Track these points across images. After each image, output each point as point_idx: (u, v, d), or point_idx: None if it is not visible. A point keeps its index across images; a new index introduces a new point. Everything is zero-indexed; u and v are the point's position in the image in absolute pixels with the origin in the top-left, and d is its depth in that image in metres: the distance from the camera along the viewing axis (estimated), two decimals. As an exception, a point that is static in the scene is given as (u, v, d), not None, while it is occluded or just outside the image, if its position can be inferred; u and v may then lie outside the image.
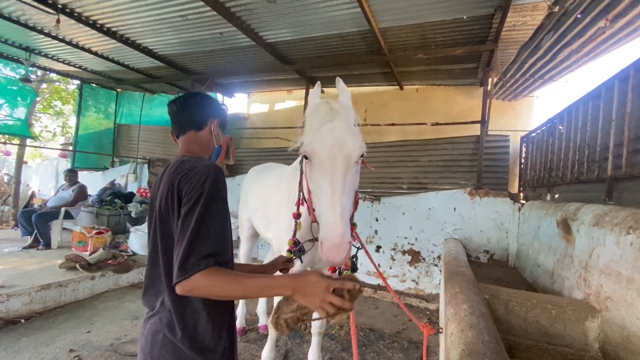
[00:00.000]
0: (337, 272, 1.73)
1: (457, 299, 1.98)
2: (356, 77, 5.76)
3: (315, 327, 2.55)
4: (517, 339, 2.15)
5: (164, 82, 6.68)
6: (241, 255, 3.56)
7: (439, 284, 4.65)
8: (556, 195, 3.60)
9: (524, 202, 4.32)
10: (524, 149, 4.80)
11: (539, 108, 5.16)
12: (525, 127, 5.05)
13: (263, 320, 3.53)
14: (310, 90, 6.49)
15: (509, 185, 4.82)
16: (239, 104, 8.26)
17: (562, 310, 2.12)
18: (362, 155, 1.46)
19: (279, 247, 2.25)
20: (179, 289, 0.94)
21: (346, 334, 3.51)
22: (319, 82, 1.79)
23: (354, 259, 1.76)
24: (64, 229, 5.93)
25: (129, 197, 6.85)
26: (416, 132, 5.64)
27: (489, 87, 4.47)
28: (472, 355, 1.30)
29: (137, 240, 5.64)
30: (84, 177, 7.52)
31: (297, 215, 1.94)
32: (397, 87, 5.99)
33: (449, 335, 1.62)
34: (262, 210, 2.81)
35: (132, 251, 5.60)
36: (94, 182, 8.01)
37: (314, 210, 1.50)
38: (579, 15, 2.32)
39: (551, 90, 4.49)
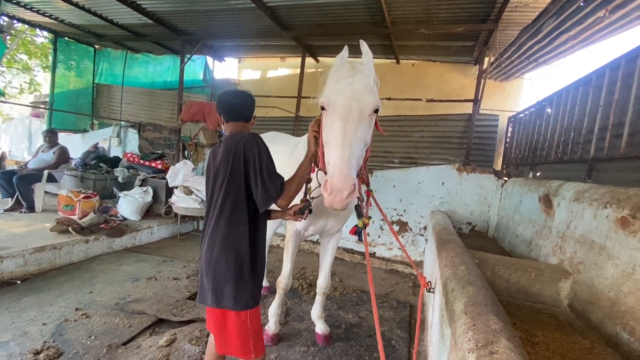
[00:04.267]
0: (358, 231, 1.85)
1: (454, 262, 2.22)
2: (354, 47, 5.67)
3: (321, 287, 2.76)
4: (500, 297, 2.45)
5: (150, 40, 6.30)
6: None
7: (424, 252, 5.02)
8: (538, 174, 3.90)
9: (506, 178, 4.64)
10: (510, 129, 5.06)
11: (527, 90, 5.40)
12: (513, 107, 5.29)
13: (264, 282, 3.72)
14: (307, 59, 6.39)
15: (494, 163, 5.12)
16: (229, 68, 7.94)
17: (540, 273, 2.43)
18: (376, 111, 1.56)
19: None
20: (283, 202, 1.58)
21: (340, 295, 3.80)
22: (346, 47, 1.82)
23: (358, 207, 1.87)
24: (46, 192, 5.75)
25: (114, 162, 6.66)
26: (410, 107, 5.76)
27: (484, 66, 4.59)
28: (475, 305, 1.53)
29: (128, 206, 5.59)
30: (61, 139, 7.18)
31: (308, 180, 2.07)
32: (394, 60, 5.99)
33: (450, 291, 1.85)
34: None
35: (123, 216, 5.56)
36: (72, 144, 7.64)
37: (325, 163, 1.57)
38: (582, 4, 2.44)
39: (543, 73, 4.69)
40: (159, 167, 6.26)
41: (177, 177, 5.70)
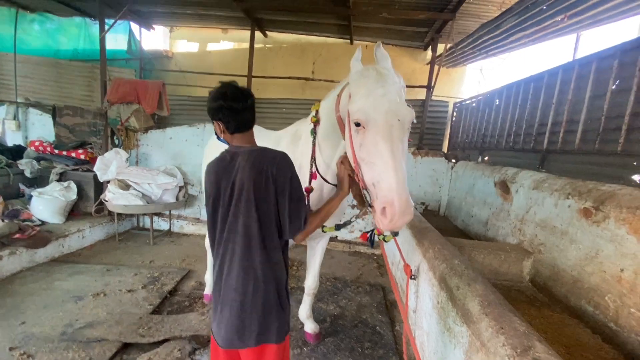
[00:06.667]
0: (370, 238, 1.81)
1: (444, 255, 2.33)
2: (308, 24, 5.37)
3: (310, 288, 2.71)
4: (476, 279, 2.73)
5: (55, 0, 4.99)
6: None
7: (366, 225, 5.28)
8: (486, 158, 4.32)
9: (454, 161, 5.07)
10: (455, 115, 5.47)
11: (470, 77, 5.83)
12: (457, 94, 5.70)
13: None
14: (257, 33, 5.84)
15: (443, 146, 5.52)
16: (159, 37, 6.84)
17: (508, 255, 2.75)
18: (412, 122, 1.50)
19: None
20: (300, 237, 1.48)
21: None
22: (360, 48, 1.67)
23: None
24: None
25: (16, 152, 5.37)
26: (364, 90, 5.76)
27: (437, 53, 4.79)
28: (492, 306, 1.64)
29: (46, 206, 4.63)
30: None
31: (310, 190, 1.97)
32: (348, 41, 5.86)
33: (454, 287, 1.96)
34: None
35: (40, 220, 4.60)
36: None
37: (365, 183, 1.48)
38: (544, 7, 2.65)
39: (491, 63, 5.09)
40: (82, 157, 5.25)
41: (108, 169, 4.87)
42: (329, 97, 1.91)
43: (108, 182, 4.91)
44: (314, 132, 2.01)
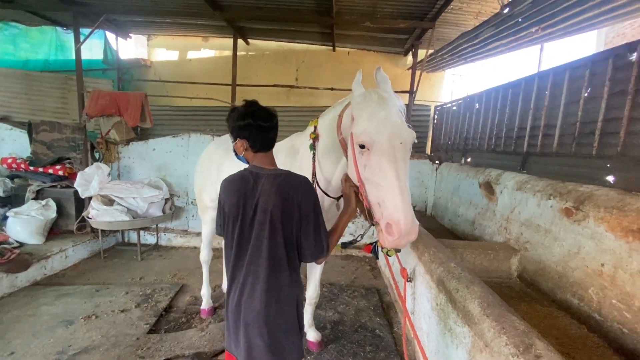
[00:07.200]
0: (374, 250, 1.89)
1: (440, 258, 2.44)
2: (291, 32, 5.40)
3: (311, 297, 2.76)
4: (469, 278, 2.86)
5: (24, 9, 4.75)
6: (205, 237, 3.29)
7: (373, 234, 5.40)
8: (469, 159, 4.52)
9: (437, 162, 5.26)
10: (436, 118, 5.67)
11: (448, 81, 6.07)
12: (437, 97, 5.91)
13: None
14: (240, 41, 5.81)
15: (426, 148, 5.71)
16: (137, 46, 6.65)
17: (497, 254, 2.91)
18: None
19: None
20: (322, 260, 1.50)
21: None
22: (360, 71, 1.74)
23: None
24: None
25: (-14, 170, 5.07)
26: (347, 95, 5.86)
27: (418, 59, 4.96)
28: (491, 307, 1.75)
29: (23, 227, 4.41)
30: None
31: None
32: (331, 47, 5.94)
33: (453, 290, 2.07)
34: None
35: (17, 241, 4.38)
36: None
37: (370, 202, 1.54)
38: (519, 19, 2.84)
39: (469, 69, 5.31)
40: (60, 173, 5.03)
41: (90, 184, 4.70)
42: (327, 115, 1.96)
43: (90, 198, 4.74)
44: (313, 147, 2.06)
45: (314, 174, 2.03)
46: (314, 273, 2.74)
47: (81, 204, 4.95)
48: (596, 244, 2.06)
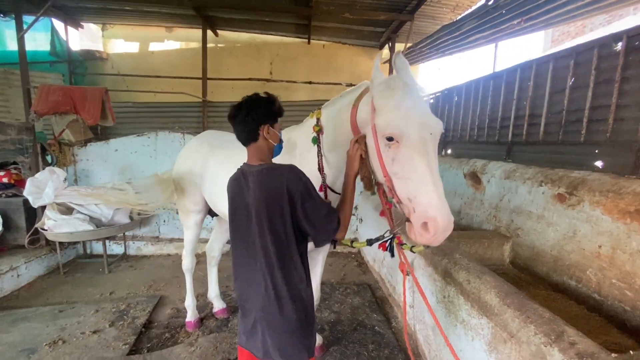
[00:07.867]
0: (389, 248, 1.78)
1: (442, 250, 2.43)
2: (264, 23, 5.15)
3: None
4: (466, 267, 2.89)
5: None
6: (188, 243, 3.01)
7: (356, 229, 5.36)
8: (449, 151, 4.62)
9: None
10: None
11: (422, 74, 6.17)
12: (413, 90, 5.98)
13: (219, 304, 3.25)
14: (209, 32, 5.44)
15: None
16: (90, 36, 5.99)
17: (491, 242, 2.97)
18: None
19: None
20: (342, 234, 1.44)
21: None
22: (378, 55, 1.62)
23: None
24: None
25: None
26: (325, 90, 5.75)
27: (395, 52, 4.96)
28: (509, 296, 1.74)
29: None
30: None
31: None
32: (306, 40, 5.77)
33: (464, 282, 2.05)
34: None
35: (-45, 261, 3.75)
36: None
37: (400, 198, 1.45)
38: (503, 11, 2.90)
39: (446, 62, 5.42)
40: (5, 180, 4.39)
41: (43, 192, 4.14)
42: (334, 106, 1.82)
43: (44, 207, 4.19)
44: (317, 141, 1.91)
45: (320, 169, 1.88)
46: (314, 274, 2.60)
47: (33, 214, 4.36)
48: (592, 227, 2.14)
